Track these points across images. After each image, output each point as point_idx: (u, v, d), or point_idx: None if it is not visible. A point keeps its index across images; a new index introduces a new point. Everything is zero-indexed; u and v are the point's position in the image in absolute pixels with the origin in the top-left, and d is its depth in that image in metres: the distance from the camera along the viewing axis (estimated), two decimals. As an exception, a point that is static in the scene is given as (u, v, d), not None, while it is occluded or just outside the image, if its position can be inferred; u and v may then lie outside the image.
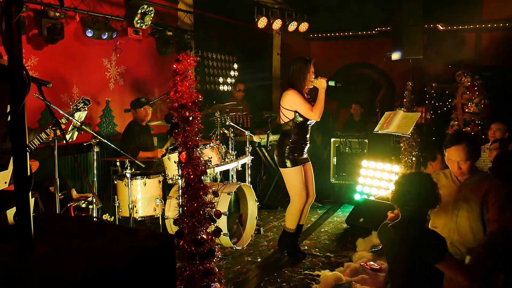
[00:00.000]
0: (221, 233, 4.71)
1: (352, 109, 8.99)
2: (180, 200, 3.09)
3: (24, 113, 1.60)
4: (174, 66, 3.03)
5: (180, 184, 3.47)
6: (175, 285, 2.02)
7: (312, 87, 4.93)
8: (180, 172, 3.10)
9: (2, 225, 1.82)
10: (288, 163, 4.84)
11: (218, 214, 3.10)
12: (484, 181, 3.42)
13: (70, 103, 4.66)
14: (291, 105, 4.80)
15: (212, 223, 3.12)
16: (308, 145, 4.99)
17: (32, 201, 1.89)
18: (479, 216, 3.33)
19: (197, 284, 2.92)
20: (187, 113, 2.92)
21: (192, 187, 2.99)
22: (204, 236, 3.02)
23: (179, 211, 3.08)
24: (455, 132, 3.47)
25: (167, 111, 3.16)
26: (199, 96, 3.02)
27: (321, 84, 4.82)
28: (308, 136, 4.96)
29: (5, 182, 2.07)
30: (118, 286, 1.63)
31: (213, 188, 3.16)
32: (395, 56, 7.31)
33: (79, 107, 4.77)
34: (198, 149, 3.08)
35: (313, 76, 4.90)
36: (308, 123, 4.88)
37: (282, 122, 4.94)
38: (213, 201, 3.18)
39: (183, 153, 2.97)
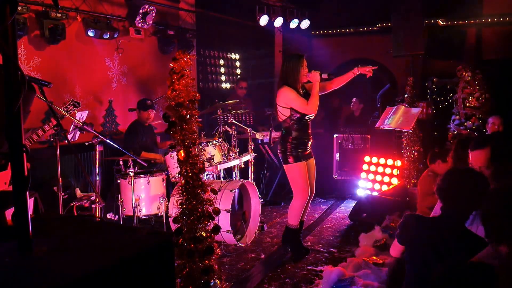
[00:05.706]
0: (225, 230, 4.77)
1: (352, 104, 8.99)
2: (179, 198, 3.10)
3: (20, 113, 1.62)
4: (171, 65, 3.05)
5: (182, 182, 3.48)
6: (174, 282, 2.03)
7: (306, 81, 4.90)
8: (179, 170, 3.11)
9: (1, 225, 1.84)
10: (291, 159, 4.84)
11: (217, 211, 3.11)
12: None
13: (61, 105, 4.69)
14: (286, 102, 4.79)
15: (211, 220, 3.14)
16: (311, 140, 4.98)
17: (31, 201, 1.91)
18: None
19: (196, 281, 2.94)
20: (184, 112, 2.94)
21: (190, 184, 3.00)
22: (203, 234, 3.03)
23: (179, 208, 3.09)
24: (480, 136, 3.26)
25: (168, 110, 3.18)
26: (196, 94, 3.04)
27: (314, 77, 4.79)
28: (309, 131, 4.95)
29: (5, 183, 2.10)
30: (117, 284, 1.64)
31: (212, 186, 3.18)
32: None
33: (69, 110, 4.78)
34: (200, 147, 3.10)
35: (307, 70, 4.87)
36: (306, 118, 4.86)
37: (280, 120, 4.93)
38: (214, 198, 3.19)
39: (181, 151, 2.99)
